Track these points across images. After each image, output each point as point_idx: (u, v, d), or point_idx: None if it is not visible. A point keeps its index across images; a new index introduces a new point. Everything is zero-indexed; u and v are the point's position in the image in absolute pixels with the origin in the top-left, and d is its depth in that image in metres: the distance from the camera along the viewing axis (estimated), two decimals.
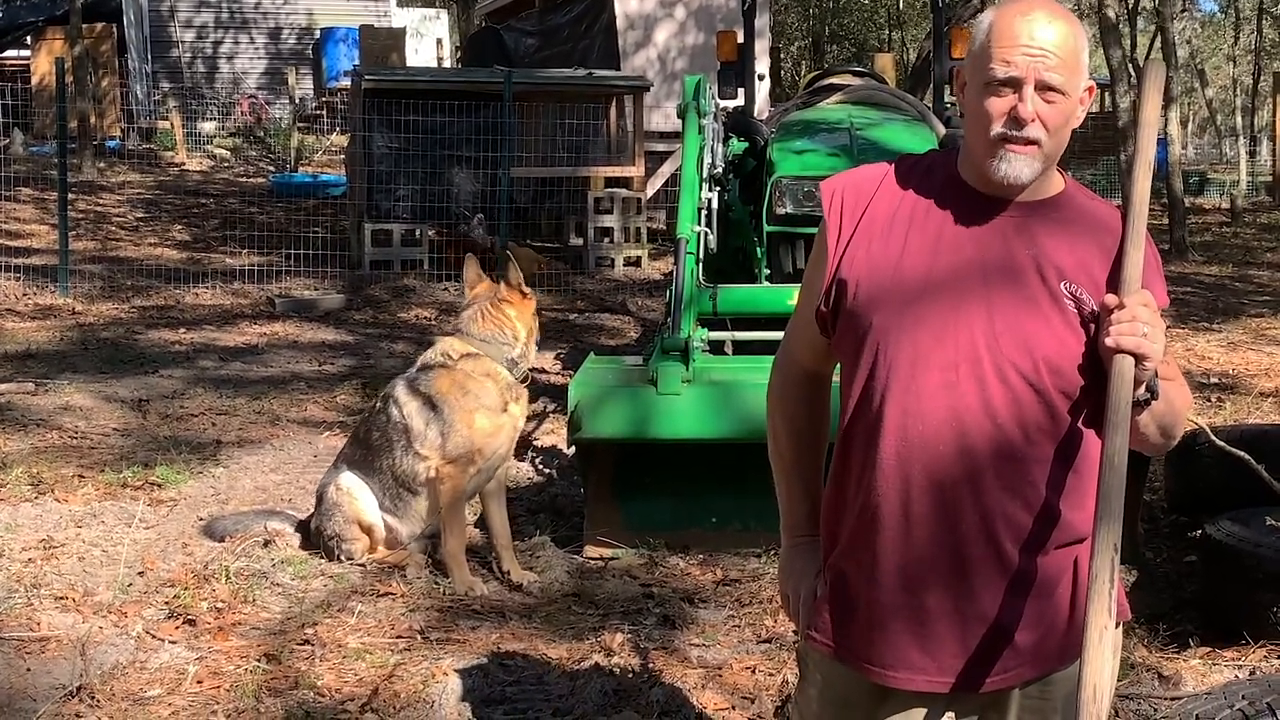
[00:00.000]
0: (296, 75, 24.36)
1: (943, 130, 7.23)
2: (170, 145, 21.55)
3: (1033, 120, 2.12)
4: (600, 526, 5.38)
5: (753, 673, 4.18)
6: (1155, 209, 16.40)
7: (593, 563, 5.26)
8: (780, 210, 6.65)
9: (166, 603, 4.60)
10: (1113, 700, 2.34)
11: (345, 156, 16.21)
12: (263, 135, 23.12)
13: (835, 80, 8.37)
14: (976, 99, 2.16)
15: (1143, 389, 2.11)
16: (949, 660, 2.18)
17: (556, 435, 6.95)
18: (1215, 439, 5.01)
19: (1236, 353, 9.70)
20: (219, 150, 22.13)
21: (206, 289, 11.58)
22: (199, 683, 4.02)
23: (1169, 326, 2.24)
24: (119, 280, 11.69)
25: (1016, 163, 2.14)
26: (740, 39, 8.19)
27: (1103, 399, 2.09)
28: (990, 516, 2.14)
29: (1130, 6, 28.71)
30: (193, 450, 6.66)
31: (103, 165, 18.91)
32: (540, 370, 8.30)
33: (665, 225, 14.49)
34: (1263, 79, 35.56)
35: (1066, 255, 2.16)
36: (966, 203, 2.20)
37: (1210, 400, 7.93)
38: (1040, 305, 2.14)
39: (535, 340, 5.31)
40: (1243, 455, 4.78)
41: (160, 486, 6.00)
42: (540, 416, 7.35)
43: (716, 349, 6.20)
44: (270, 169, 20.39)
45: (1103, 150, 19.50)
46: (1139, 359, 2.06)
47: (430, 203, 12.73)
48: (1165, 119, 16.66)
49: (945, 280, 2.16)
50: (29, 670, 4.05)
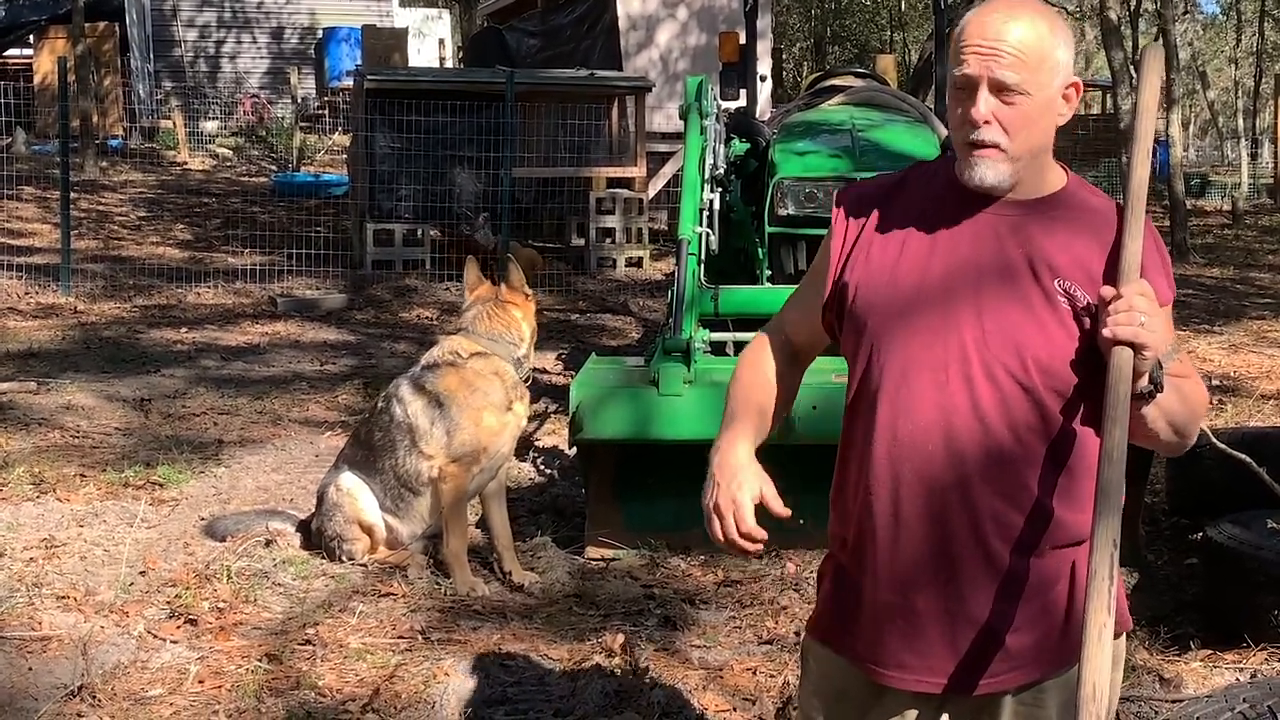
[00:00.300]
0: (299, 75, 24.35)
1: (944, 132, 7.22)
2: (172, 144, 21.55)
3: (986, 122, 2.09)
4: (601, 527, 5.38)
5: (754, 674, 4.18)
6: (1157, 211, 16.40)
7: (594, 563, 5.27)
8: (782, 211, 6.66)
9: (168, 602, 4.60)
10: (1115, 711, 2.31)
11: (347, 156, 16.21)
12: (265, 135, 23.11)
13: (837, 81, 8.37)
14: (949, 103, 2.18)
15: (1144, 381, 2.07)
16: (939, 662, 2.18)
17: (558, 436, 6.95)
18: (1216, 441, 5.00)
19: (1238, 355, 9.70)
20: (221, 150, 22.14)
21: (208, 288, 11.59)
22: (200, 682, 4.03)
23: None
24: (121, 279, 11.70)
25: (980, 167, 2.12)
26: (742, 40, 8.18)
27: (1102, 398, 2.06)
28: (979, 517, 2.13)
29: (1132, 9, 28.73)
30: (194, 450, 6.66)
31: (105, 164, 18.92)
32: (542, 370, 8.30)
33: (667, 226, 14.49)
34: (1264, 81, 35.53)
35: (1061, 252, 2.14)
36: (962, 205, 2.19)
37: (1211, 402, 7.93)
38: (1031, 303, 2.12)
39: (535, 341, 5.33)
40: (1244, 458, 4.78)
41: (162, 486, 6.00)
42: (542, 417, 7.35)
43: (718, 350, 6.19)
44: (272, 168, 20.38)
45: (1105, 152, 19.49)
46: (1137, 349, 2.03)
47: (432, 203, 12.73)
48: (1167, 121, 16.65)
49: (938, 282, 2.16)
50: (30, 669, 4.05)
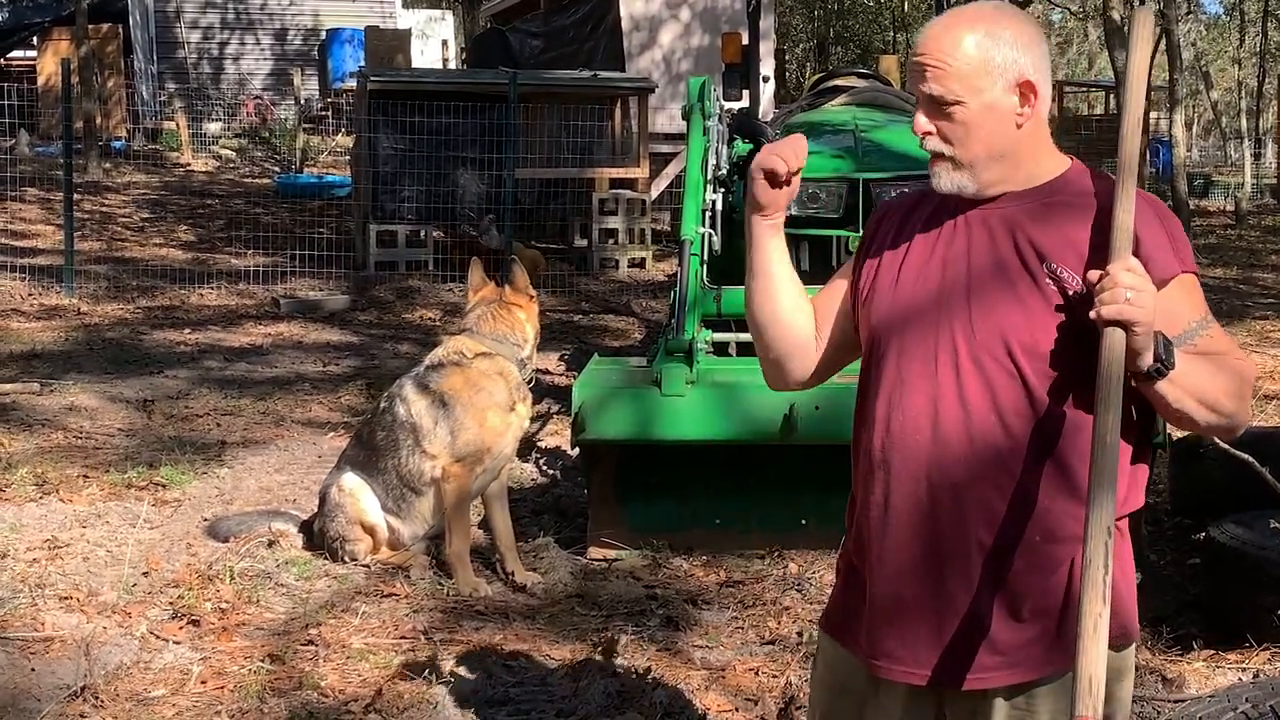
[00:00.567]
0: (302, 76, 24.32)
1: None
2: (176, 146, 21.54)
3: (927, 133, 2.17)
4: (604, 528, 5.38)
5: (756, 674, 4.18)
6: None
7: (596, 564, 5.27)
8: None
9: (170, 603, 4.61)
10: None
11: (350, 157, 16.20)
12: (268, 136, 23.11)
13: (840, 82, 8.36)
14: None
15: (1147, 359, 2.02)
16: (926, 653, 2.18)
17: (560, 436, 6.96)
18: (1219, 441, 4.99)
19: None
20: (224, 151, 22.13)
21: (211, 289, 11.60)
22: (203, 683, 4.03)
23: None
24: (124, 281, 11.71)
25: (937, 177, 2.19)
26: (745, 41, 8.18)
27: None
28: (964, 505, 2.13)
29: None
30: (197, 451, 6.67)
31: (108, 166, 18.93)
32: (544, 371, 8.31)
33: (670, 227, 14.48)
34: (1268, 82, 35.53)
35: (1052, 237, 2.14)
36: (958, 207, 2.22)
37: None
38: (1018, 290, 2.12)
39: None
40: (1246, 458, 4.77)
41: (165, 487, 6.01)
42: (544, 417, 7.35)
43: (720, 350, 6.19)
44: (275, 170, 20.38)
45: (1108, 152, 19.48)
46: (1126, 326, 1.99)
47: (435, 204, 12.74)
48: (1170, 121, 16.64)
49: (934, 282, 2.20)
50: (33, 670, 4.06)
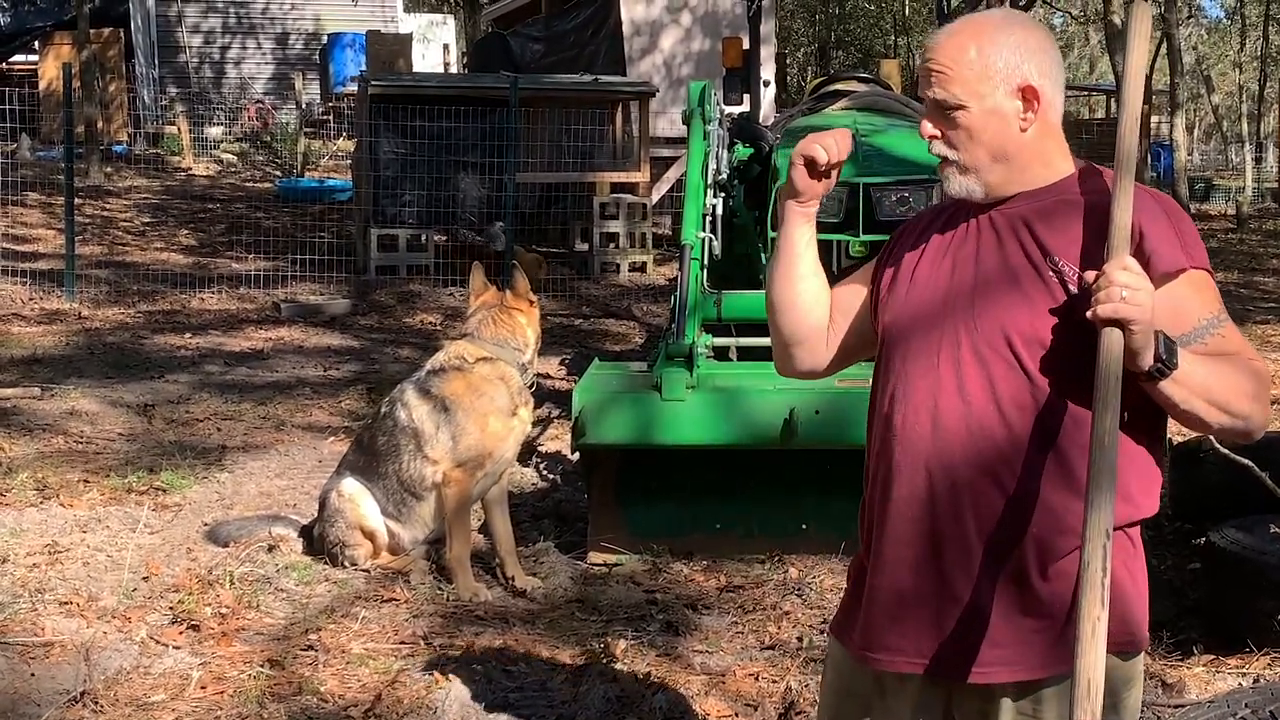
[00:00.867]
0: (303, 80, 24.32)
1: None
2: (177, 150, 21.56)
3: (933, 137, 2.21)
4: (604, 532, 5.38)
5: (756, 680, 4.17)
6: None
7: (596, 569, 5.26)
8: None
9: (170, 608, 4.61)
10: None
11: (351, 162, 16.21)
12: (269, 140, 23.13)
13: (840, 86, 8.35)
14: None
15: (1147, 358, 2.00)
16: (926, 643, 2.19)
17: (561, 441, 6.95)
18: (1219, 446, 4.99)
19: None
20: (225, 155, 22.15)
21: (212, 294, 11.60)
22: (202, 688, 4.03)
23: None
24: (125, 285, 11.72)
25: (947, 181, 2.22)
26: (746, 45, 8.19)
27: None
28: (962, 496, 2.14)
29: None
30: (198, 455, 6.67)
31: (109, 170, 18.94)
32: (545, 376, 8.30)
33: (670, 231, 14.48)
34: (1269, 85, 35.55)
35: (1058, 234, 2.15)
36: (970, 211, 2.25)
37: None
38: (1021, 283, 2.14)
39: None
40: (1247, 463, 4.77)
41: (165, 491, 6.01)
42: (544, 422, 7.35)
43: (721, 355, 6.19)
44: (277, 174, 20.40)
45: (1110, 157, 19.38)
46: (1123, 325, 1.98)
47: (436, 208, 12.75)
48: (1171, 125, 16.65)
49: (944, 279, 2.22)
50: (33, 675, 4.05)
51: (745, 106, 8.19)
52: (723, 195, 7.03)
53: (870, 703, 2.30)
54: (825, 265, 2.47)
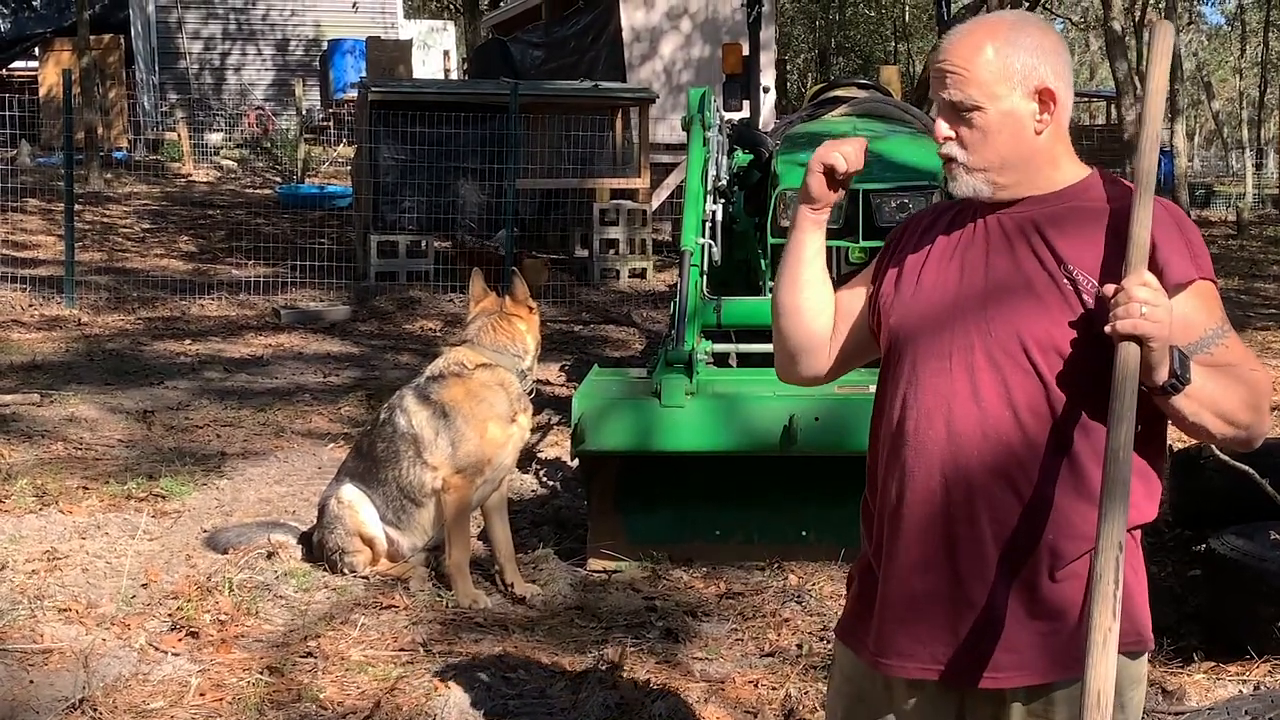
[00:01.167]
0: (303, 87, 24.33)
1: None
2: (177, 156, 21.56)
3: (946, 139, 2.19)
4: (603, 539, 5.38)
5: (755, 687, 4.17)
6: None
7: (596, 575, 5.26)
8: (784, 223, 6.65)
9: (169, 615, 4.60)
10: None
11: (351, 168, 16.21)
12: (269, 146, 23.14)
13: (840, 93, 8.37)
14: None
15: (1162, 373, 2.02)
16: (940, 649, 2.18)
17: (560, 447, 6.95)
18: (1219, 453, 4.99)
19: None
20: (226, 161, 22.16)
21: (212, 300, 11.60)
22: (201, 695, 4.02)
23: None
24: (125, 291, 11.72)
25: (954, 181, 2.21)
26: (745, 51, 8.20)
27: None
28: (976, 501, 2.14)
29: (1136, 19, 28.74)
30: (197, 462, 6.66)
31: (109, 176, 18.94)
32: (544, 382, 8.30)
33: (670, 237, 14.49)
34: (1269, 91, 35.57)
35: (1070, 241, 2.15)
36: (977, 213, 2.25)
37: None
38: (1035, 288, 2.14)
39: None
40: (1247, 469, 4.76)
41: (164, 498, 6.00)
42: (544, 428, 7.35)
43: (720, 362, 6.19)
44: (277, 180, 20.41)
45: (1110, 163, 19.48)
46: (1141, 341, 1.99)
47: (436, 214, 12.75)
48: (1171, 131, 16.66)
49: (953, 281, 2.22)
50: (32, 682, 4.05)
51: (745, 113, 8.21)
52: (722, 201, 7.04)
53: (881, 709, 2.29)
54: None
